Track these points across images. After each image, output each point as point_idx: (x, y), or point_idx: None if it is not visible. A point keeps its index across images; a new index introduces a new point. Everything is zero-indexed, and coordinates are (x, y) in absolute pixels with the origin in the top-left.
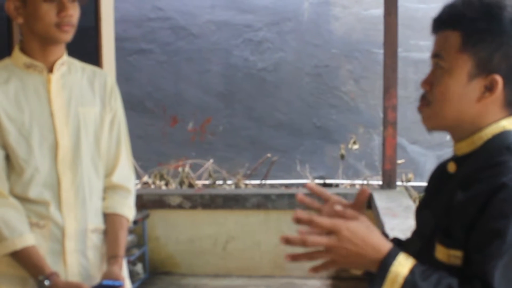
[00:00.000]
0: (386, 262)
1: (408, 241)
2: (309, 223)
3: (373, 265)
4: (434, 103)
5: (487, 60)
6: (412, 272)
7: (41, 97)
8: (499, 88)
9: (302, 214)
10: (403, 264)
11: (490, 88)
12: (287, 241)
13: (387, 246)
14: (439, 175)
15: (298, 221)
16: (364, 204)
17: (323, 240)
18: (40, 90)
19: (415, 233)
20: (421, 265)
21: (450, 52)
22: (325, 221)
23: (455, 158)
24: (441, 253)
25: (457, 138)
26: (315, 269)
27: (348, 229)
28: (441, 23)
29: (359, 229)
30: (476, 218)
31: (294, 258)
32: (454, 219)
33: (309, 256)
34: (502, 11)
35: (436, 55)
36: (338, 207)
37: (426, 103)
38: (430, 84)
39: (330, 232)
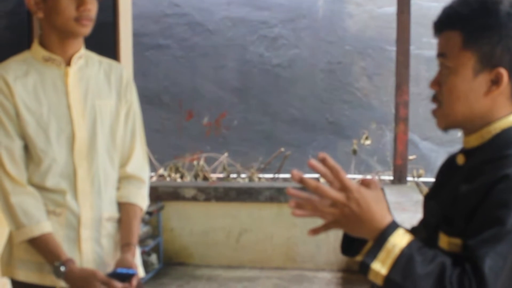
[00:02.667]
0: (385, 232)
1: (415, 230)
2: (331, 173)
3: (371, 233)
4: (444, 103)
5: (489, 54)
6: (409, 245)
7: (59, 89)
8: (505, 81)
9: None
10: (401, 237)
11: (496, 82)
12: (300, 181)
13: (389, 218)
14: (448, 166)
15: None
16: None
17: (333, 192)
18: (58, 83)
19: (422, 223)
20: (418, 241)
21: (453, 51)
22: (344, 176)
23: (464, 151)
24: (443, 241)
25: (468, 132)
26: (315, 231)
27: (359, 192)
28: (442, 24)
29: (368, 196)
30: (477, 207)
31: (299, 206)
32: (457, 209)
33: (314, 209)
34: (498, 5)
35: (440, 55)
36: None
37: (438, 104)
38: (438, 84)
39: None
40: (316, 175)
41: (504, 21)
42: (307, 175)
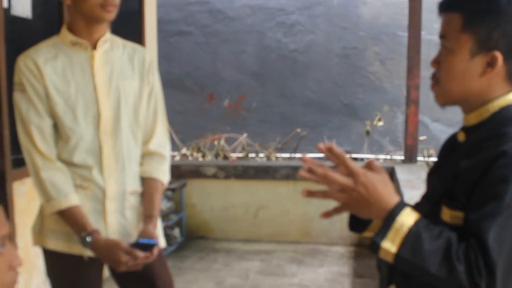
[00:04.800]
0: (393, 212)
1: (418, 204)
2: (338, 160)
3: (380, 214)
4: (441, 81)
5: (486, 38)
6: (416, 223)
7: (86, 71)
8: (499, 63)
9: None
10: (408, 216)
11: (491, 64)
12: (309, 170)
13: (396, 198)
14: (450, 144)
15: (328, 153)
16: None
17: (341, 178)
18: (85, 65)
19: (424, 197)
20: (425, 219)
21: (453, 32)
22: (350, 162)
23: (465, 128)
24: (446, 214)
25: (467, 110)
26: (327, 214)
27: (366, 176)
28: (445, 6)
29: (375, 179)
30: (477, 183)
31: (311, 194)
32: (458, 183)
33: (324, 193)
34: None
35: (442, 36)
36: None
37: (436, 81)
38: (438, 62)
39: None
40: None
41: (503, 7)
42: (320, 156)
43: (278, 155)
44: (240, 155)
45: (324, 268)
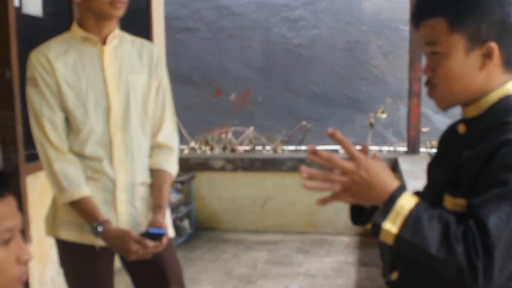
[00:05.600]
0: (394, 195)
1: (420, 195)
2: (340, 145)
3: (380, 197)
4: (440, 85)
5: (476, 32)
6: (417, 206)
7: (96, 66)
8: (496, 53)
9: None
10: (409, 199)
11: (488, 55)
12: (313, 152)
13: (396, 183)
14: (449, 135)
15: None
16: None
17: (343, 161)
18: (95, 60)
19: (427, 188)
20: (424, 202)
21: (442, 36)
22: (352, 148)
23: (465, 120)
24: (448, 202)
25: (467, 104)
26: (323, 201)
27: (367, 161)
28: (423, 14)
29: (376, 164)
30: (481, 171)
31: (311, 176)
32: (461, 172)
33: (325, 177)
34: None
35: (429, 43)
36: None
37: (432, 87)
38: (432, 69)
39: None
40: (335, 147)
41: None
42: (325, 148)
43: (284, 147)
44: (247, 148)
45: (330, 258)
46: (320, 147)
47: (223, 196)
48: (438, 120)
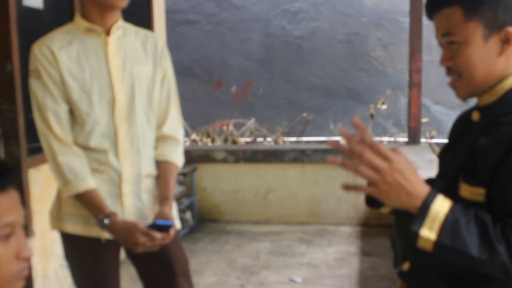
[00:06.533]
0: (427, 200)
1: (433, 182)
2: (368, 145)
3: (410, 202)
4: (464, 73)
5: (493, 18)
6: (452, 209)
7: (100, 57)
8: None
9: (360, 123)
10: (443, 203)
11: (506, 41)
12: (334, 145)
13: (427, 187)
14: (463, 123)
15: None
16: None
17: (376, 160)
18: (99, 51)
19: (439, 175)
20: (458, 205)
21: (458, 25)
22: (384, 148)
23: (479, 108)
24: (465, 190)
25: (482, 92)
26: (348, 187)
27: (401, 162)
28: (437, 4)
29: (408, 167)
30: (501, 160)
31: (343, 165)
32: (478, 160)
33: (356, 168)
34: None
35: (446, 34)
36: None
37: (457, 76)
38: (451, 59)
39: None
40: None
41: None
42: (335, 139)
43: (285, 139)
44: (248, 139)
45: (332, 248)
46: (320, 139)
47: (225, 187)
48: (437, 111)
